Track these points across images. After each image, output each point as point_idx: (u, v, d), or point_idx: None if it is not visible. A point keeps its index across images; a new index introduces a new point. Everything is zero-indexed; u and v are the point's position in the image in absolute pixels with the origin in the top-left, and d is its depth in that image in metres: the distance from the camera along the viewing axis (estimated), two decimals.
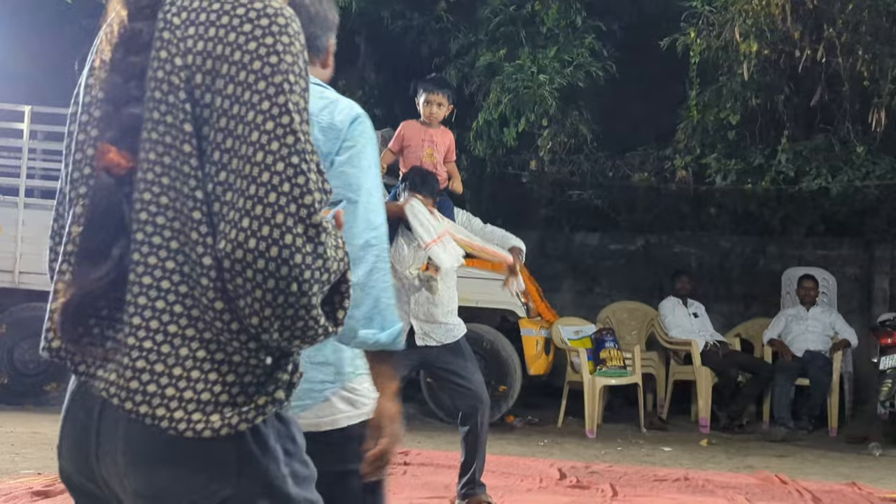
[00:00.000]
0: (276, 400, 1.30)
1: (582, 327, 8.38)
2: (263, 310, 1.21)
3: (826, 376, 8.22)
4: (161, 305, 1.27)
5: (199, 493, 1.27)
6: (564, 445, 7.19)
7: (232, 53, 1.25)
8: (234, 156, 1.23)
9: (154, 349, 1.26)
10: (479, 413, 4.45)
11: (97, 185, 1.32)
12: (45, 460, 5.68)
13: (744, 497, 5.34)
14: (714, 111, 8.19)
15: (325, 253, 1.24)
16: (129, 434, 1.28)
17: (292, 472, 1.34)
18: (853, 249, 9.88)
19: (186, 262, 1.27)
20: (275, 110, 1.23)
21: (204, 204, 1.26)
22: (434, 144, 4.88)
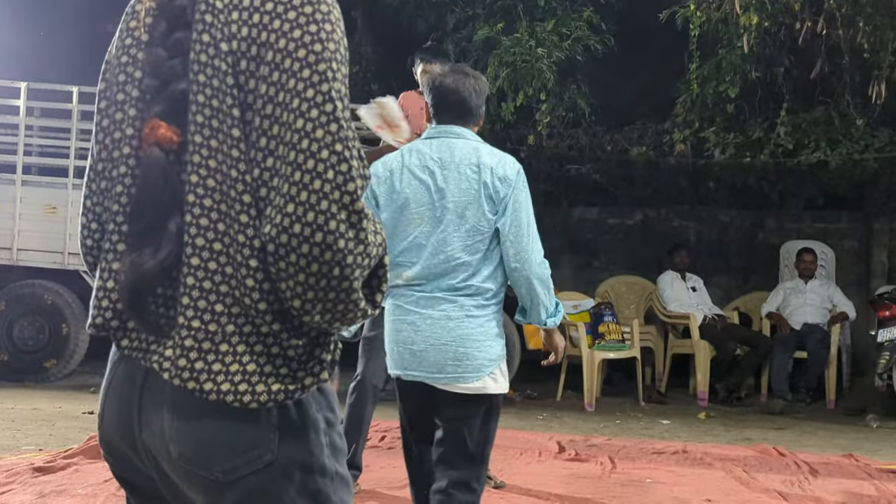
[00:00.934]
0: (319, 378, 1.35)
1: (580, 301, 8.39)
2: (306, 293, 1.25)
3: (824, 349, 8.24)
4: (208, 286, 1.30)
5: (243, 456, 1.30)
6: (563, 419, 7.22)
7: (277, 41, 1.27)
8: (280, 142, 1.26)
9: (202, 328, 1.30)
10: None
11: (148, 160, 1.33)
12: (45, 437, 5.70)
13: (742, 469, 5.37)
14: (713, 84, 8.15)
15: (367, 238, 1.27)
16: (174, 400, 1.31)
17: (330, 442, 1.38)
18: (852, 222, 9.88)
19: (232, 243, 1.29)
20: (318, 98, 1.26)
21: (251, 187, 1.28)
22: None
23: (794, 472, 5.42)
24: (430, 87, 3.05)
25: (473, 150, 2.91)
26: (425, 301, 2.88)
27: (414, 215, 2.91)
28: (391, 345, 2.98)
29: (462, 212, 2.86)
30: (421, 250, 2.90)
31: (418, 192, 2.91)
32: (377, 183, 2.96)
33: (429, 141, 2.99)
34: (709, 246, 10.16)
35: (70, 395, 7.44)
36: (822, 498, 4.75)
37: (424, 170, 2.92)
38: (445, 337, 2.85)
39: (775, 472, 5.42)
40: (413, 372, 2.92)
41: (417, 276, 2.89)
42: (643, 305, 9.14)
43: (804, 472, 5.41)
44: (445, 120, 3.00)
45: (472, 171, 2.86)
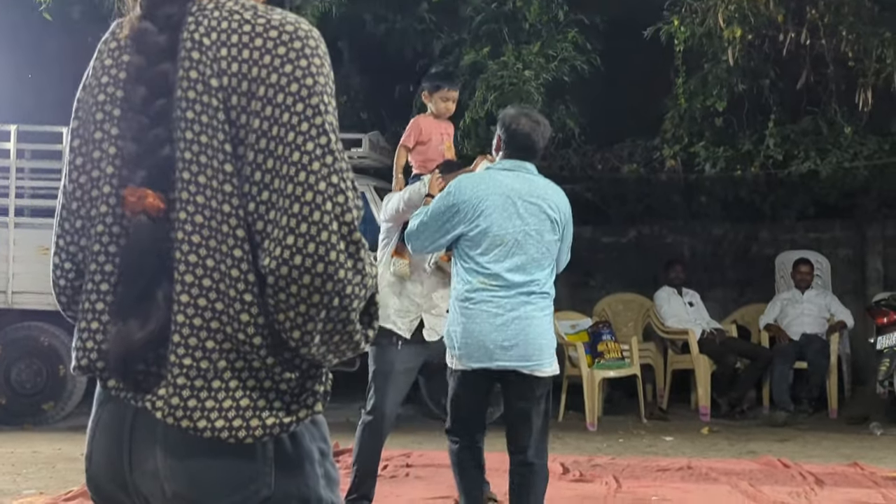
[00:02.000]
0: (313, 410, 1.35)
1: (578, 321, 8.38)
2: (306, 324, 1.26)
3: (824, 358, 8.23)
4: (198, 322, 1.29)
5: (240, 493, 1.30)
6: (566, 440, 7.18)
7: (268, 76, 1.28)
8: (276, 175, 1.26)
9: (193, 365, 1.29)
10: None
11: (137, 229, 1.33)
12: (46, 479, 5.66)
13: (748, 483, 5.35)
14: (700, 99, 8.19)
15: (364, 269, 1.29)
16: (167, 438, 1.31)
17: (325, 473, 1.39)
18: (845, 231, 9.90)
19: (223, 279, 1.29)
20: (314, 131, 1.27)
21: (245, 221, 1.29)
22: (450, 137, 4.91)
23: (799, 483, 5.40)
24: (506, 127, 3.75)
25: (544, 186, 3.76)
26: (510, 303, 3.57)
27: (496, 237, 3.61)
28: (476, 340, 3.57)
29: (537, 235, 3.65)
30: (504, 265, 3.59)
31: (501, 218, 3.61)
32: (467, 206, 3.62)
33: (507, 172, 3.71)
34: (704, 260, 10.17)
35: (69, 436, 7.39)
36: None
37: (507, 199, 3.63)
38: (531, 332, 3.58)
39: (781, 484, 5.40)
40: (500, 362, 3.57)
41: (501, 284, 3.58)
42: (641, 322, 9.13)
43: (810, 482, 5.39)
44: (517, 156, 3.75)
45: (546, 204, 3.69)
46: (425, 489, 5.25)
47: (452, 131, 5.03)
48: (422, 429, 7.50)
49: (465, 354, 3.62)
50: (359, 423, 4.58)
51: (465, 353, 3.61)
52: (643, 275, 9.81)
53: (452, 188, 3.71)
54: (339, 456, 6.26)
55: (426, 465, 6.04)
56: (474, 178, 3.78)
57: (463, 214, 3.62)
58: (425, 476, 5.69)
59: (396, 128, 9.59)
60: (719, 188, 9.54)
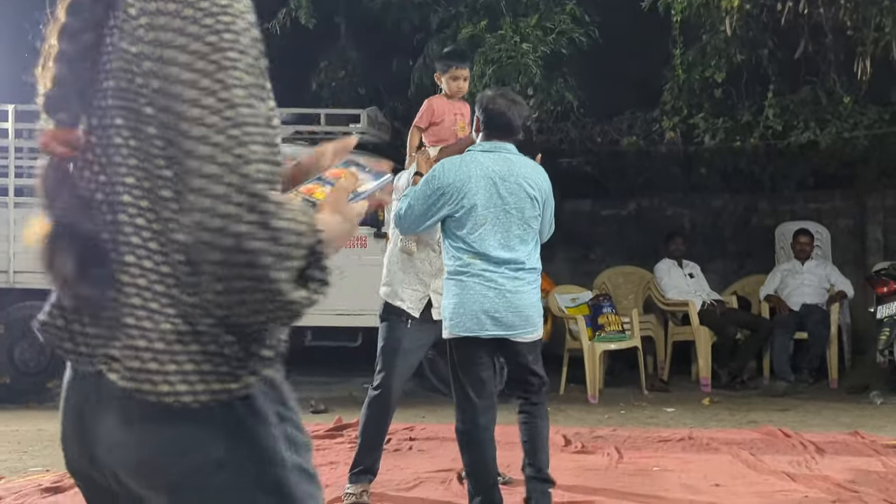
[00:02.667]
0: (261, 374, 1.33)
1: (578, 294, 8.40)
2: (228, 295, 1.25)
3: (824, 329, 8.26)
4: (143, 283, 1.29)
5: (190, 457, 1.30)
6: (567, 412, 7.22)
7: (175, 39, 1.28)
8: (180, 134, 1.26)
9: (136, 325, 1.29)
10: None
11: (52, 168, 1.35)
12: (52, 457, 5.70)
13: (748, 452, 5.39)
14: (699, 70, 8.17)
15: (273, 223, 1.24)
16: (120, 406, 1.30)
17: (286, 436, 1.37)
18: (845, 201, 9.90)
19: (167, 243, 1.29)
20: (215, 87, 1.26)
21: (171, 182, 1.28)
22: (464, 117, 4.89)
23: (800, 452, 5.44)
24: (483, 108, 3.92)
25: (523, 165, 3.92)
26: (500, 278, 3.79)
27: (480, 217, 3.80)
28: (469, 311, 3.79)
29: (518, 213, 3.84)
30: (488, 242, 3.80)
31: (484, 198, 3.80)
32: (452, 189, 3.79)
33: (486, 154, 3.89)
34: (704, 232, 10.18)
35: None
36: (830, 476, 4.77)
37: (488, 180, 3.81)
38: (519, 304, 3.82)
39: (782, 453, 5.44)
40: (490, 332, 3.81)
41: (489, 261, 3.79)
42: (641, 295, 9.15)
43: (810, 451, 5.43)
44: (496, 136, 3.93)
45: (526, 182, 3.87)
46: (429, 462, 5.29)
47: (467, 111, 4.96)
48: (425, 403, 7.54)
49: (458, 324, 3.83)
50: (365, 398, 4.60)
51: (457, 323, 3.84)
52: (643, 247, 9.82)
53: (436, 172, 3.89)
54: (342, 430, 6.30)
55: (429, 438, 6.08)
56: (456, 161, 3.92)
57: (448, 196, 3.81)
58: (428, 449, 5.73)
59: (394, 103, 9.57)
60: (719, 160, 9.53)
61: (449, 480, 4.79)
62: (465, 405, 3.92)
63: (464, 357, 3.90)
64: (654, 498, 4.41)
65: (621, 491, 4.57)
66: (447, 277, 3.92)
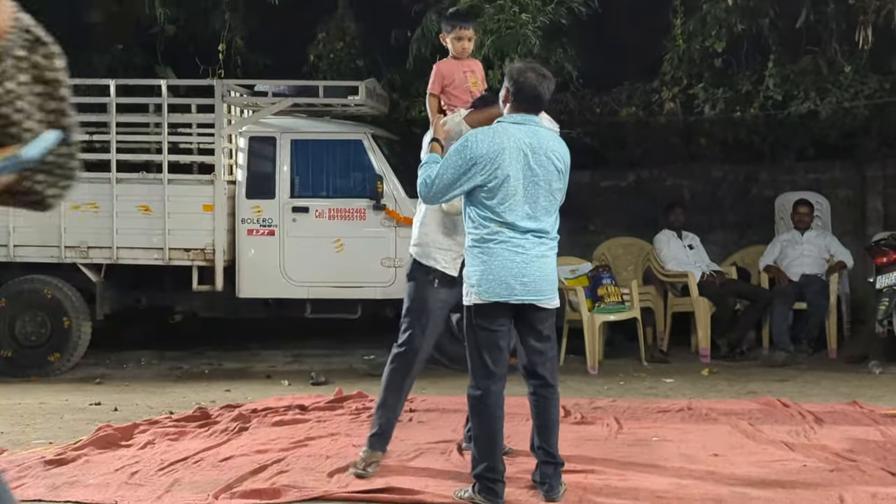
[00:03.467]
0: None
1: (578, 266, 8.40)
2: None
3: (823, 299, 8.27)
4: None
5: None
6: (567, 383, 7.24)
7: None
8: None
9: None
10: None
11: None
12: (54, 430, 5.73)
13: (747, 422, 5.42)
14: (699, 39, 8.12)
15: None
16: None
17: None
18: (845, 171, 9.88)
19: None
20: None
21: None
22: (475, 73, 4.90)
23: (799, 422, 5.47)
24: (514, 81, 4.00)
25: (550, 138, 4.03)
26: (526, 245, 3.89)
27: (512, 188, 3.87)
28: (498, 277, 3.86)
29: (545, 185, 3.94)
30: (518, 212, 3.88)
31: (517, 170, 3.88)
32: (485, 160, 3.84)
33: (518, 126, 3.96)
34: (703, 203, 10.16)
35: (76, 387, 7.47)
36: (828, 446, 4.79)
37: (520, 152, 3.89)
38: (546, 269, 3.96)
39: (780, 423, 5.46)
40: (519, 297, 3.89)
41: (515, 230, 3.87)
42: (641, 266, 9.15)
43: (809, 421, 5.46)
44: (524, 107, 4.00)
45: (554, 156, 3.97)
46: (429, 433, 5.32)
47: (478, 67, 5.01)
48: (425, 375, 7.52)
49: (486, 290, 3.90)
50: (388, 358, 4.60)
51: (486, 289, 3.90)
52: (642, 218, 9.81)
53: (469, 142, 3.91)
54: (343, 402, 6.33)
55: (429, 409, 6.11)
56: (489, 132, 3.96)
57: (481, 167, 3.85)
58: (429, 421, 5.76)
59: (393, 74, 9.52)
60: (718, 130, 9.50)
61: (449, 451, 4.82)
62: (480, 371, 3.98)
63: (486, 323, 3.95)
64: (653, 467, 4.44)
65: (620, 461, 4.60)
66: (472, 245, 3.96)
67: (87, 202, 8.05)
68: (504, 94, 4.06)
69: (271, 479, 4.30)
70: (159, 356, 8.92)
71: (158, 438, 5.21)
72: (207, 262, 8.06)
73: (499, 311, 3.94)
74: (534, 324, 4.03)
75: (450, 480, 4.23)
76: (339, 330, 9.15)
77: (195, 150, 8.46)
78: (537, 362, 4.08)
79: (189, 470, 4.51)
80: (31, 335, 8.14)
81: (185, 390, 7.31)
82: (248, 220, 8.09)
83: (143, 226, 8.08)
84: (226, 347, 9.22)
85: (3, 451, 5.00)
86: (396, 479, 4.25)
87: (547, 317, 4.05)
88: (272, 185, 8.09)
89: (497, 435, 3.98)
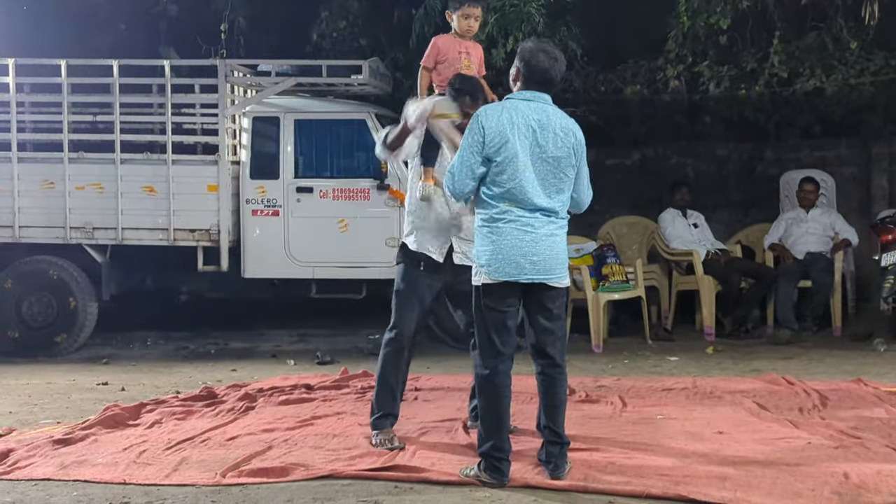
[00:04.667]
0: None
1: (582, 245, 8.39)
2: None
3: (828, 277, 8.26)
4: None
5: None
6: (572, 362, 7.23)
7: None
8: None
9: None
10: None
11: None
12: (62, 409, 5.76)
13: (752, 400, 5.43)
14: (704, 16, 8.06)
15: None
16: None
17: None
18: (850, 149, 9.84)
19: None
20: None
21: None
22: (470, 56, 4.89)
23: (803, 400, 5.48)
24: (526, 62, 3.99)
25: (561, 116, 4.00)
26: (536, 223, 3.90)
27: (521, 163, 3.87)
28: (507, 256, 3.87)
29: (554, 162, 3.93)
30: (528, 189, 3.87)
31: (525, 145, 3.88)
32: (493, 133, 3.85)
33: (527, 103, 3.96)
34: (708, 181, 10.14)
35: (83, 367, 7.50)
36: (833, 423, 4.80)
37: (528, 128, 3.89)
38: (556, 248, 3.95)
39: (785, 401, 5.48)
40: (529, 276, 3.90)
41: (524, 208, 3.87)
42: (646, 245, 9.15)
43: (814, 399, 5.47)
44: (534, 87, 3.99)
45: (563, 132, 3.95)
46: (434, 412, 5.34)
47: (476, 51, 4.99)
48: (430, 353, 7.59)
49: (495, 269, 3.90)
50: (382, 342, 4.70)
51: (495, 269, 3.90)
52: (647, 197, 9.80)
53: (479, 117, 3.93)
54: (348, 381, 6.36)
55: (434, 388, 6.13)
56: (497, 107, 3.99)
57: (489, 140, 3.87)
58: (433, 399, 5.78)
59: (396, 54, 9.49)
60: (723, 108, 9.46)
61: (454, 430, 4.84)
62: (488, 350, 3.99)
63: (494, 302, 3.95)
64: (658, 446, 4.46)
65: (625, 439, 4.61)
66: (480, 225, 3.96)
67: (92, 183, 8.08)
68: (515, 73, 4.05)
69: (279, 457, 4.32)
70: (165, 336, 8.96)
71: (165, 418, 5.24)
72: (212, 243, 8.07)
73: (508, 290, 3.94)
74: (544, 303, 4.02)
75: (456, 458, 4.25)
76: (344, 310, 9.17)
77: (199, 131, 8.46)
78: (546, 342, 4.07)
79: (196, 449, 4.54)
80: (38, 316, 8.17)
81: (192, 370, 7.34)
82: (253, 201, 8.09)
83: (147, 206, 8.08)
84: (231, 327, 9.25)
85: (11, 431, 5.03)
86: (402, 457, 4.27)
87: (557, 296, 4.03)
88: (276, 165, 8.09)
89: (504, 414, 3.99)
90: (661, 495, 3.67)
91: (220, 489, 3.90)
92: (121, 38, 10.24)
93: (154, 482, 4.01)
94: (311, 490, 3.87)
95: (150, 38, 10.28)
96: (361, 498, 3.74)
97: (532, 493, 3.79)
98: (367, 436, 4.63)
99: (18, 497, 3.86)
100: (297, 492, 3.85)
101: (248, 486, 3.93)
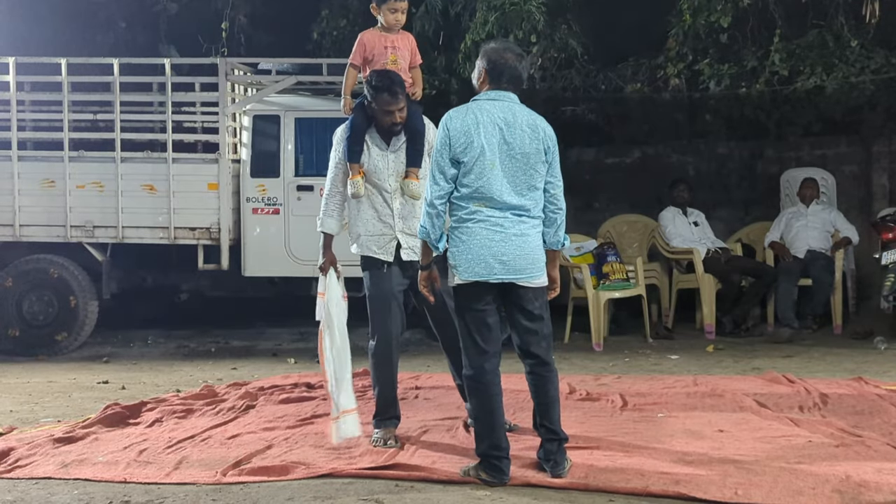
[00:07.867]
0: None
1: (583, 243, 8.39)
2: None
3: (828, 275, 8.26)
4: None
5: None
6: (572, 360, 7.27)
7: None
8: None
9: None
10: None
11: None
12: (63, 408, 5.77)
13: (752, 399, 5.43)
14: (705, 14, 8.05)
15: None
16: None
17: None
18: (851, 147, 9.83)
19: None
20: None
21: None
22: (397, 50, 4.84)
23: (804, 398, 5.48)
24: (492, 61, 4.00)
25: (528, 114, 4.00)
26: (506, 223, 3.89)
27: (488, 161, 3.88)
28: (477, 256, 3.88)
29: (523, 159, 3.92)
30: (495, 187, 3.88)
31: (491, 143, 3.89)
32: (458, 134, 3.88)
33: (493, 102, 3.97)
34: (708, 179, 10.14)
35: (83, 366, 7.51)
36: (834, 422, 4.80)
37: (495, 127, 3.91)
38: (526, 248, 3.92)
39: (786, 399, 5.48)
40: (499, 276, 3.90)
41: (495, 206, 3.88)
42: (646, 243, 9.15)
43: (814, 397, 5.47)
44: (503, 86, 4.01)
45: (531, 129, 3.95)
46: (434, 410, 5.34)
47: (405, 42, 4.91)
48: (430, 352, 7.59)
49: (465, 270, 3.92)
50: (369, 352, 4.71)
51: (465, 269, 3.92)
52: (648, 195, 9.80)
53: (444, 121, 3.96)
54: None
55: (434, 386, 6.13)
56: (462, 109, 4.01)
57: (454, 142, 3.89)
58: (434, 398, 5.78)
59: None
60: (724, 106, 9.46)
61: (455, 428, 4.85)
62: (471, 351, 3.99)
63: (470, 303, 3.97)
64: (658, 444, 4.46)
65: (625, 437, 4.61)
66: (452, 226, 3.97)
67: (93, 181, 8.08)
68: (480, 74, 4.06)
69: (280, 456, 4.33)
70: (166, 335, 8.96)
71: (166, 416, 5.25)
72: (213, 241, 8.08)
73: (481, 290, 3.95)
74: (521, 303, 4.00)
75: (456, 457, 4.25)
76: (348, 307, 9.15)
77: (199, 129, 8.46)
78: (531, 342, 4.04)
79: (197, 447, 4.54)
80: (38, 314, 8.18)
81: (192, 369, 7.34)
82: (253, 199, 8.09)
83: (148, 205, 8.09)
84: (232, 326, 9.25)
85: (12, 430, 5.04)
86: (403, 456, 4.28)
87: (535, 296, 4.00)
88: (276, 163, 8.09)
89: (496, 412, 3.99)
90: (662, 493, 3.67)
91: (221, 488, 3.91)
92: (121, 36, 10.24)
93: (155, 481, 4.01)
94: (312, 488, 3.87)
95: (150, 37, 10.28)
96: (362, 496, 3.75)
97: (533, 492, 3.79)
98: (367, 434, 4.64)
99: (19, 496, 3.86)
100: (297, 490, 3.85)
101: (248, 485, 3.94)
